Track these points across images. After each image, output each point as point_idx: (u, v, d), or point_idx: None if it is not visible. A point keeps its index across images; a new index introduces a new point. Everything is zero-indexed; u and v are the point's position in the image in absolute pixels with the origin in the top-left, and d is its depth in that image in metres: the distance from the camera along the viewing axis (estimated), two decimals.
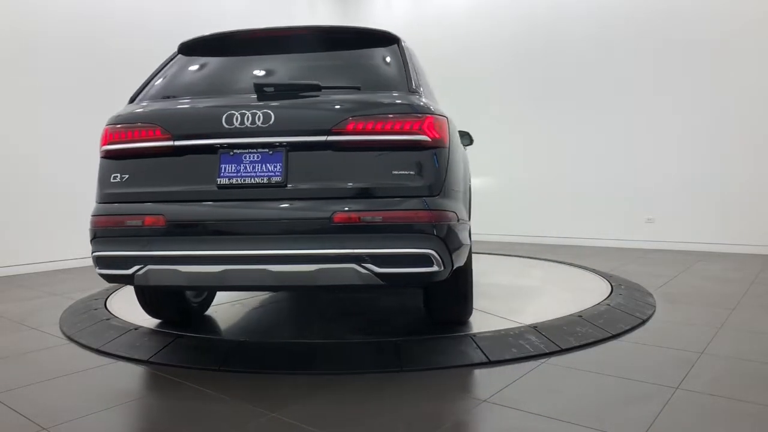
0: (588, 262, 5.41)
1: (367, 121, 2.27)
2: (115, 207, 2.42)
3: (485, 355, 2.54)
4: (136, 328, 3.03)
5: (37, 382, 2.39)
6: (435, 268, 2.22)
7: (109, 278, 2.45)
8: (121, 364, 2.63)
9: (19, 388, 2.32)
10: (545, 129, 7.53)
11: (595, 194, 7.18)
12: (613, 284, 4.03)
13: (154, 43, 6.18)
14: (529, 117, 7.65)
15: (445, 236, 2.26)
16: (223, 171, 2.31)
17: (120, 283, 2.48)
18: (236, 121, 2.31)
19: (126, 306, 3.60)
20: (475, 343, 2.63)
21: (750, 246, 6.16)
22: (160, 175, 2.40)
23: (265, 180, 2.28)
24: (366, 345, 2.69)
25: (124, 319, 3.24)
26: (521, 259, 5.72)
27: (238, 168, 2.30)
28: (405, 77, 2.52)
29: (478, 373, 2.42)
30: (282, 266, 2.23)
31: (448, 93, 7.10)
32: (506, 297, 3.75)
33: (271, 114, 2.31)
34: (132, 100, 2.68)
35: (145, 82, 2.76)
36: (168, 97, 2.60)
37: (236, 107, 2.34)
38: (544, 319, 3.00)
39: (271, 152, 2.30)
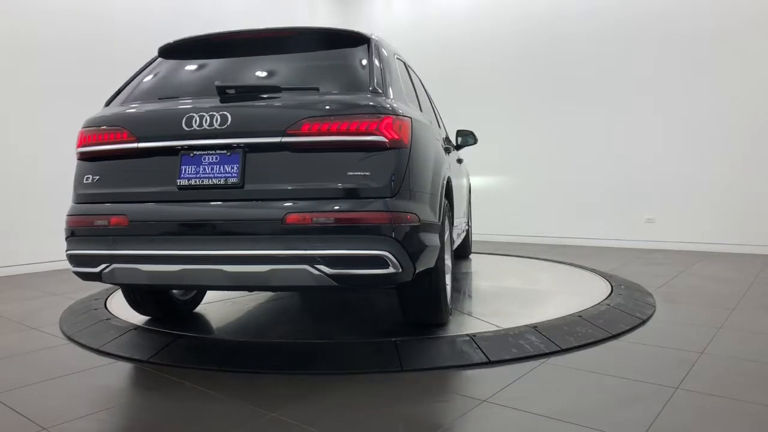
0: (588, 262, 5.41)
1: (322, 122, 2.26)
2: (87, 207, 2.51)
3: (485, 355, 2.54)
4: (136, 327, 3.03)
5: (37, 382, 2.39)
6: (391, 270, 2.21)
7: (81, 276, 2.53)
8: (121, 364, 2.63)
9: (19, 388, 2.33)
10: (545, 129, 7.53)
11: (595, 194, 7.18)
12: (613, 284, 4.03)
13: (154, 42, 6.15)
14: (529, 117, 7.65)
15: (403, 238, 2.24)
16: (183, 172, 2.36)
17: (91, 280, 2.53)
18: (195, 123, 2.35)
19: (126, 306, 3.59)
20: (475, 343, 2.63)
21: (750, 246, 6.16)
22: (127, 176, 2.48)
23: (222, 181, 2.31)
24: (366, 345, 2.69)
25: (124, 319, 3.24)
26: (521, 259, 5.72)
27: (198, 169, 2.34)
28: (368, 77, 2.50)
29: (478, 373, 2.41)
30: (236, 267, 2.26)
31: (448, 92, 7.12)
32: (506, 296, 3.75)
33: (228, 116, 2.33)
34: (108, 103, 2.73)
35: (123, 84, 2.81)
36: (141, 100, 2.64)
37: (196, 109, 2.38)
38: (544, 319, 3.00)
39: (228, 154, 2.33)
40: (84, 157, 2.58)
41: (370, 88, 2.44)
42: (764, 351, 2.66)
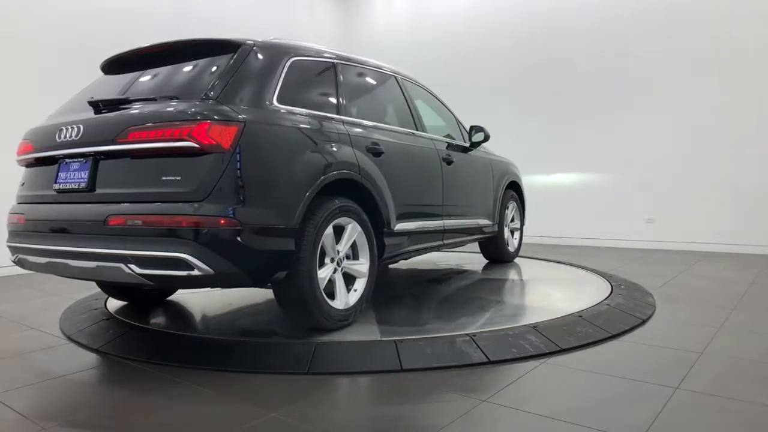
0: (588, 262, 5.41)
1: (143, 130, 2.43)
2: (14, 207, 3.03)
3: (485, 355, 2.54)
4: (136, 328, 3.03)
5: (37, 382, 2.39)
6: (197, 273, 2.28)
7: (14, 262, 2.98)
8: (121, 363, 2.63)
9: (19, 388, 2.33)
10: (545, 128, 7.53)
11: (595, 194, 7.18)
12: (613, 284, 4.03)
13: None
14: (529, 116, 7.65)
15: (213, 241, 2.30)
16: (58, 178, 2.73)
17: (16, 266, 2.94)
18: (62, 136, 2.70)
19: (126, 306, 3.60)
20: (475, 343, 2.63)
21: (750, 246, 6.16)
22: (32, 181, 2.96)
23: (77, 186, 2.63)
24: (366, 345, 2.69)
25: (123, 319, 3.24)
26: (521, 259, 5.72)
27: (66, 175, 2.69)
28: (209, 84, 2.57)
29: (478, 373, 2.41)
30: (76, 261, 2.54)
31: (448, 91, 7.11)
32: (506, 296, 3.75)
33: (81, 128, 2.63)
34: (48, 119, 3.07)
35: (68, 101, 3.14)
36: (57, 115, 2.99)
37: (65, 123, 2.71)
38: (544, 319, 3.00)
39: (84, 161, 2.63)
40: (20, 164, 3.09)
41: (203, 95, 2.51)
42: (764, 351, 2.66)
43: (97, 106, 2.66)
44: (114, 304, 3.69)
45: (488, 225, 4.74)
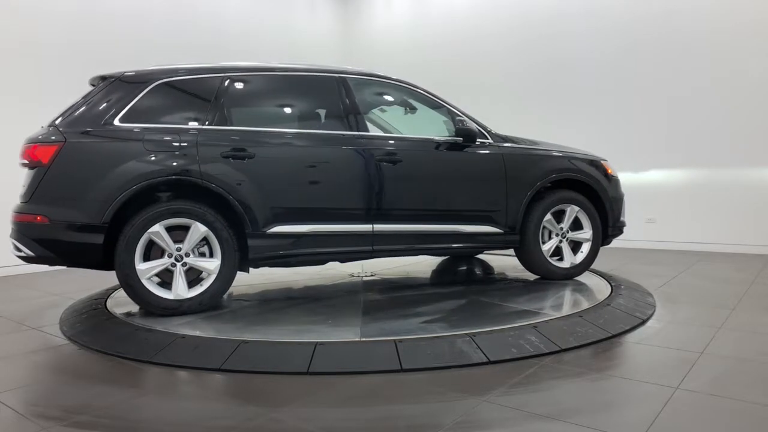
0: None
1: (25, 150, 3.21)
2: None
3: (485, 355, 2.54)
4: (136, 328, 3.03)
5: (37, 382, 2.39)
6: (23, 254, 3.14)
7: None
8: (121, 363, 2.63)
9: (19, 388, 2.33)
10: (545, 127, 7.52)
11: None
12: (613, 284, 4.03)
13: (154, 44, 6.19)
14: (528, 116, 7.64)
15: (28, 231, 3.11)
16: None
17: None
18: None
19: (126, 306, 3.60)
20: (475, 343, 2.63)
21: (750, 246, 6.16)
22: None
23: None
24: (366, 345, 2.69)
25: (124, 319, 3.24)
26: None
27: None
28: (63, 112, 3.28)
29: (478, 373, 2.42)
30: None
31: (447, 91, 7.10)
32: (506, 296, 3.75)
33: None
34: None
35: None
36: None
37: None
38: (544, 319, 3.00)
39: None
40: None
41: (53, 122, 3.23)
42: (764, 351, 2.66)
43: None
44: (114, 304, 3.69)
45: (492, 233, 3.96)
